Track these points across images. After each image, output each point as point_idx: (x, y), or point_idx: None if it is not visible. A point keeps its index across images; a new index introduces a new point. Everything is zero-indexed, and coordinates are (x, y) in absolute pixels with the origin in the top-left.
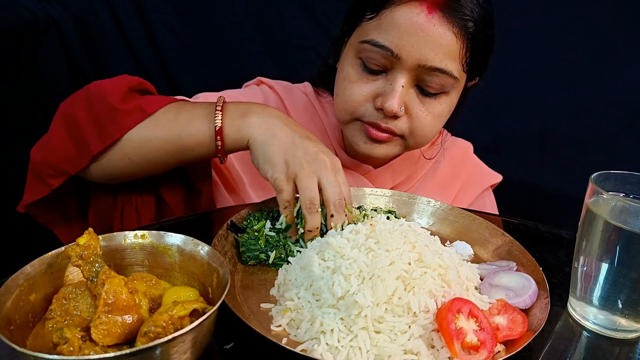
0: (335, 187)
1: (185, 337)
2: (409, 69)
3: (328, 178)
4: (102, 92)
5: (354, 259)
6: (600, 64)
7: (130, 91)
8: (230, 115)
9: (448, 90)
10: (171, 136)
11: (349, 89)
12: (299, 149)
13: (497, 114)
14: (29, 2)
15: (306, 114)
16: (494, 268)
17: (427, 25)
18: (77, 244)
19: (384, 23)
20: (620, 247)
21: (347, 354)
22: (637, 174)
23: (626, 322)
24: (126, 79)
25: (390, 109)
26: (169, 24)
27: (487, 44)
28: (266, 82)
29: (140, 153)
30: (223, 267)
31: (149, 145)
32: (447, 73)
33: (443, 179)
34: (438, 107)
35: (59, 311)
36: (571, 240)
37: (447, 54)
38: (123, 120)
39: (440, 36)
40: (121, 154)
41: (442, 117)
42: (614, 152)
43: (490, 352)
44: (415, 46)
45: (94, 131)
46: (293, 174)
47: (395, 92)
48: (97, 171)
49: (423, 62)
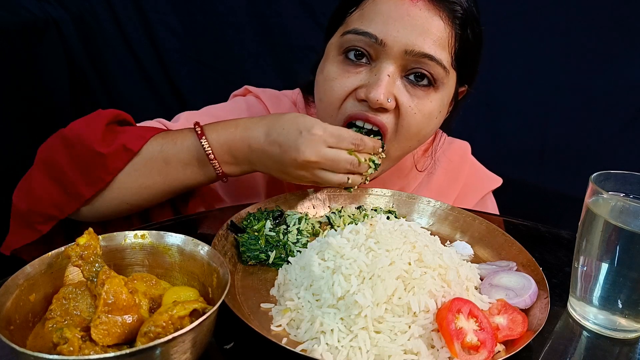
0: (362, 146)
1: (185, 337)
2: (395, 57)
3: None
4: (80, 136)
5: (354, 259)
6: (600, 64)
7: (108, 127)
8: (224, 162)
9: (437, 85)
10: (170, 181)
11: (330, 89)
12: (285, 123)
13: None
14: (29, 2)
15: None
16: (494, 268)
17: (413, 10)
18: (77, 244)
19: (366, 12)
20: (620, 247)
21: (347, 354)
22: (637, 174)
23: (626, 322)
24: (100, 115)
25: (374, 98)
26: (169, 24)
27: (475, 39)
28: (253, 91)
29: (140, 198)
30: (223, 267)
31: (148, 190)
32: (437, 61)
33: (439, 186)
34: (428, 104)
35: (59, 311)
36: (571, 240)
37: (435, 41)
38: (111, 163)
39: (427, 20)
40: (119, 201)
41: (432, 118)
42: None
43: (490, 352)
44: (402, 31)
45: (81, 177)
46: (309, 161)
47: (380, 81)
48: (90, 213)
49: (410, 48)
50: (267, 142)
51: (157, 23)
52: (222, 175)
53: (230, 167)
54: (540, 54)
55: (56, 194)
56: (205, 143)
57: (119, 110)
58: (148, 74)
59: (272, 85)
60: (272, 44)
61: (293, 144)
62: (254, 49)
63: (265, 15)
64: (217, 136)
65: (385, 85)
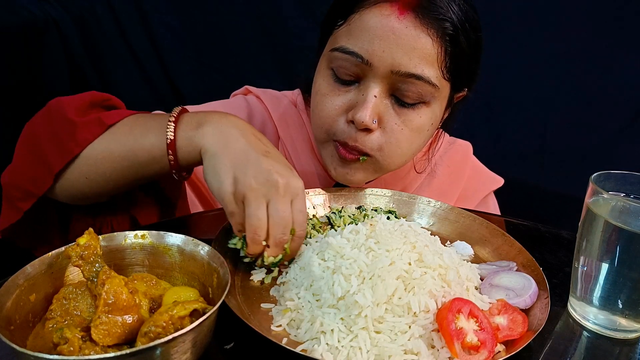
0: (278, 218)
1: (185, 337)
2: (382, 76)
3: (276, 205)
4: (61, 106)
5: (354, 259)
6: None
7: (92, 106)
8: (184, 127)
9: (428, 100)
10: (125, 152)
11: (321, 104)
12: (252, 166)
13: (497, 115)
14: (29, 2)
15: (293, 127)
16: (494, 268)
17: (399, 28)
18: (77, 244)
19: (353, 28)
20: (620, 247)
21: (347, 354)
22: (637, 174)
23: (626, 322)
24: (91, 94)
25: (360, 120)
26: (169, 24)
27: (471, 49)
28: (253, 91)
29: (97, 171)
30: (223, 267)
31: (105, 161)
32: (424, 79)
33: (440, 187)
34: (417, 119)
35: (59, 311)
36: (571, 240)
37: (422, 59)
38: (81, 133)
39: (413, 39)
40: (78, 173)
41: (423, 131)
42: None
43: (490, 352)
44: (387, 51)
45: (53, 148)
46: (241, 194)
47: (367, 102)
48: (62, 191)
49: (396, 68)
50: (248, 130)
51: (157, 23)
52: (171, 144)
53: (186, 131)
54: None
55: (32, 168)
56: (178, 109)
57: (112, 96)
58: (148, 74)
59: (272, 85)
60: (272, 44)
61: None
62: (254, 49)
63: (265, 15)
64: (193, 114)
65: (372, 106)
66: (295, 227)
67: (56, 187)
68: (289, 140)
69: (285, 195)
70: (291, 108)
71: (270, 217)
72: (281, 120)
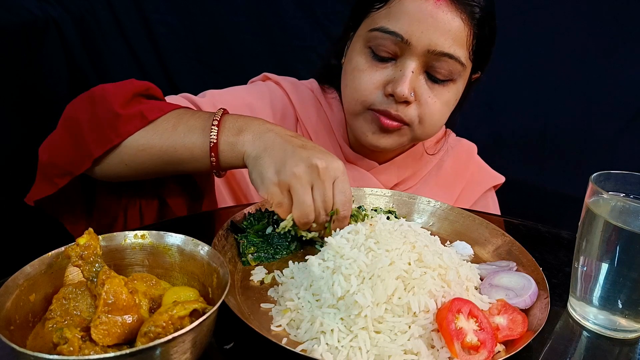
0: (321, 202)
1: (185, 337)
2: (419, 54)
3: (319, 188)
4: (106, 95)
5: (353, 259)
6: (600, 64)
7: (135, 96)
8: (227, 132)
9: (455, 78)
10: (167, 147)
11: (358, 78)
12: (291, 157)
13: (497, 114)
14: (29, 2)
15: (312, 109)
16: (494, 268)
17: (436, 12)
18: (77, 244)
19: (393, 11)
20: (620, 247)
21: (347, 354)
22: (637, 174)
23: (626, 322)
24: (132, 83)
25: (401, 93)
26: (169, 24)
27: (490, 34)
28: (272, 77)
29: (136, 160)
30: (223, 267)
31: (145, 153)
32: (456, 59)
33: (446, 178)
34: (446, 94)
35: (59, 311)
36: (571, 240)
37: (455, 40)
38: (123, 126)
39: (448, 22)
40: (118, 160)
41: (450, 105)
42: (614, 152)
43: (490, 352)
44: (425, 32)
45: (94, 135)
46: (286, 184)
47: (405, 77)
48: (99, 173)
49: (432, 48)
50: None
51: (157, 23)
52: (213, 147)
53: (228, 137)
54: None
55: (72, 150)
56: (220, 112)
57: (152, 84)
58: (148, 74)
59: None
60: (272, 44)
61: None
62: (254, 49)
63: (265, 15)
64: (234, 119)
65: (410, 80)
66: (338, 207)
67: (94, 169)
68: (308, 122)
69: (326, 178)
70: (308, 93)
71: (315, 201)
72: (300, 103)
